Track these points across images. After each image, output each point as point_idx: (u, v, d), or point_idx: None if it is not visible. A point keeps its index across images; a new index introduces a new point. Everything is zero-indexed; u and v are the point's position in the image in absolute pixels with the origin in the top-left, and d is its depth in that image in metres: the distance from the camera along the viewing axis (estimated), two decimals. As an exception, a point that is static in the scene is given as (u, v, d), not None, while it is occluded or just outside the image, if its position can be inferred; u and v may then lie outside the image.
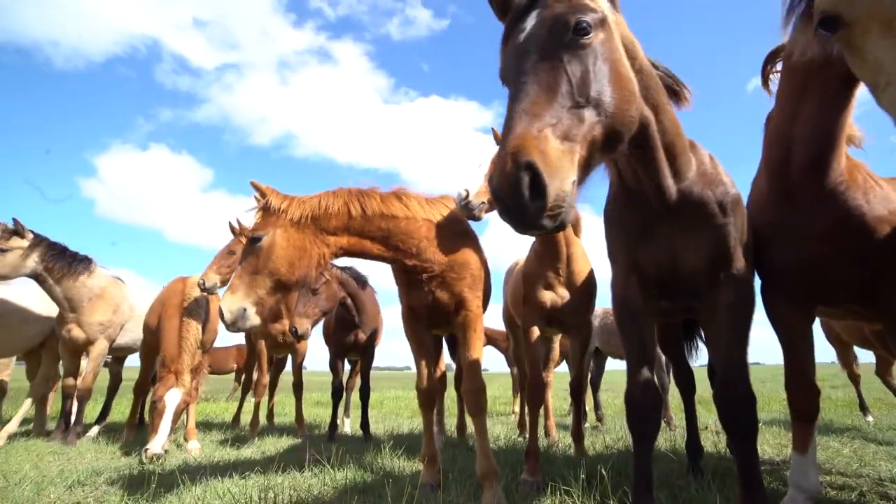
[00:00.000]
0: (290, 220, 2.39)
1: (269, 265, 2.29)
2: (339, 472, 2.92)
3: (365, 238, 2.52)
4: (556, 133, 1.04)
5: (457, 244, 2.70)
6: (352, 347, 4.81)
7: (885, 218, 1.75)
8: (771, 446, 3.88)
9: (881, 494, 2.46)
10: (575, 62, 1.14)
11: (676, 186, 1.69)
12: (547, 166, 0.98)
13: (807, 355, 2.03)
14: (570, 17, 1.16)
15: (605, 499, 2.20)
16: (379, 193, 2.62)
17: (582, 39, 1.16)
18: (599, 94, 1.15)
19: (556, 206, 0.98)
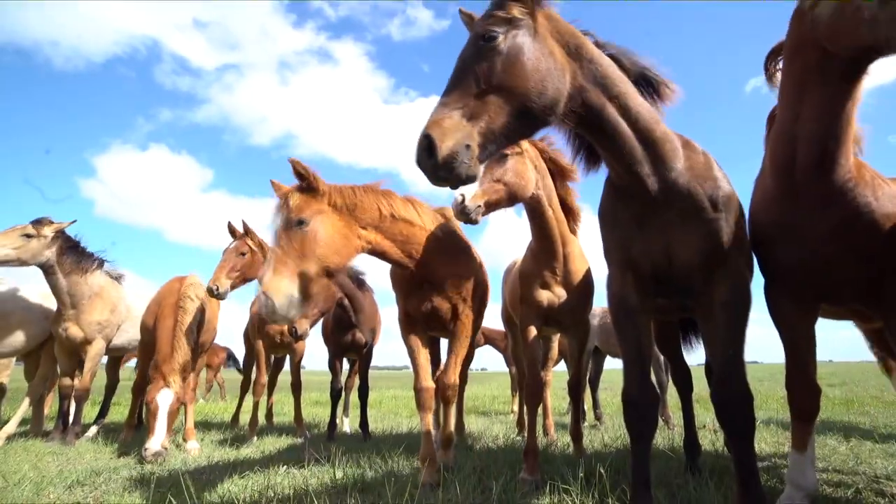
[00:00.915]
0: (333, 206, 2.33)
1: (319, 250, 2.19)
2: (338, 471, 2.92)
3: (388, 238, 2.56)
4: (460, 114, 1.37)
5: (456, 257, 2.87)
6: (349, 347, 4.82)
7: (893, 215, 1.72)
8: (769, 444, 3.90)
9: (877, 491, 2.47)
10: (482, 62, 1.43)
11: (661, 177, 1.71)
12: (440, 136, 1.33)
13: (808, 354, 2.01)
14: (481, 30, 1.47)
15: (604, 497, 2.21)
16: (399, 197, 2.69)
17: (490, 44, 1.44)
18: (503, 81, 1.41)
19: (446, 161, 1.32)
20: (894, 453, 3.55)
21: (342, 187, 2.46)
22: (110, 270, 5.08)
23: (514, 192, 2.53)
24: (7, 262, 4.13)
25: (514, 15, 1.48)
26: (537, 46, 1.48)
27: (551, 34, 1.56)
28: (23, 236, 4.19)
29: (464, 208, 2.33)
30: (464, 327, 2.90)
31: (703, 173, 1.79)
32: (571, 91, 1.54)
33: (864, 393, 9.40)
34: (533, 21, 1.51)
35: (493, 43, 1.44)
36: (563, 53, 1.54)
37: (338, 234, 2.28)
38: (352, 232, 2.37)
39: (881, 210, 1.71)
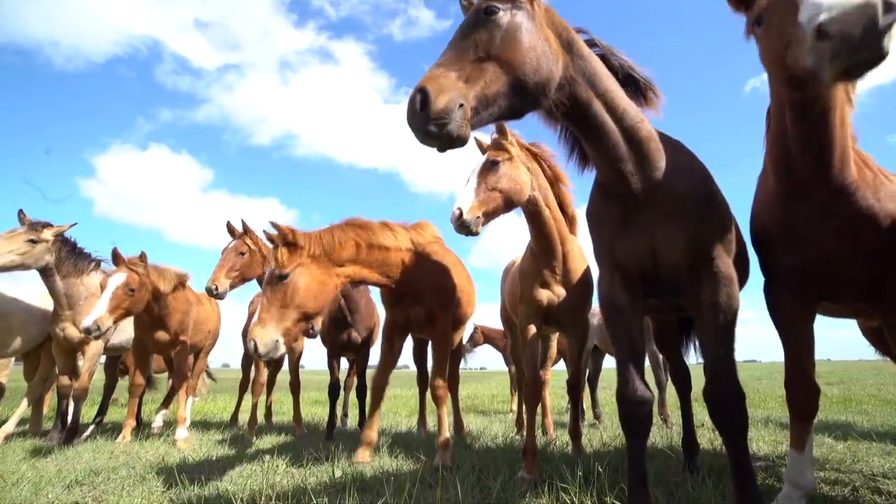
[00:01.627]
0: (310, 257, 2.64)
1: (297, 300, 2.52)
2: (337, 470, 2.92)
3: (366, 267, 2.87)
4: (457, 76, 1.37)
5: (431, 269, 3.19)
6: (346, 346, 4.81)
7: (894, 214, 1.72)
8: (767, 443, 3.91)
9: (874, 489, 2.49)
10: (482, 32, 1.46)
11: (645, 176, 1.74)
12: (436, 90, 1.31)
13: (808, 354, 2.01)
14: (487, 5, 1.50)
15: (602, 496, 2.21)
16: (374, 225, 3.00)
17: (490, 17, 1.47)
18: (500, 52, 1.44)
19: (439, 115, 1.28)
20: (891, 451, 3.57)
21: (321, 234, 2.75)
22: (107, 270, 5.07)
23: (510, 198, 2.55)
24: (12, 267, 4.14)
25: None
26: (534, 29, 1.53)
27: (547, 23, 1.61)
28: (27, 241, 4.19)
29: (463, 221, 2.35)
30: (442, 332, 3.26)
31: (689, 174, 1.81)
32: (562, 80, 1.59)
33: (862, 391, 9.44)
34: (532, 6, 1.57)
35: (494, 16, 1.48)
36: (557, 43, 1.60)
37: (314, 283, 2.60)
38: (329, 275, 2.68)
39: (883, 211, 1.70)
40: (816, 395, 2.01)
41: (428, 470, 2.89)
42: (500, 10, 1.48)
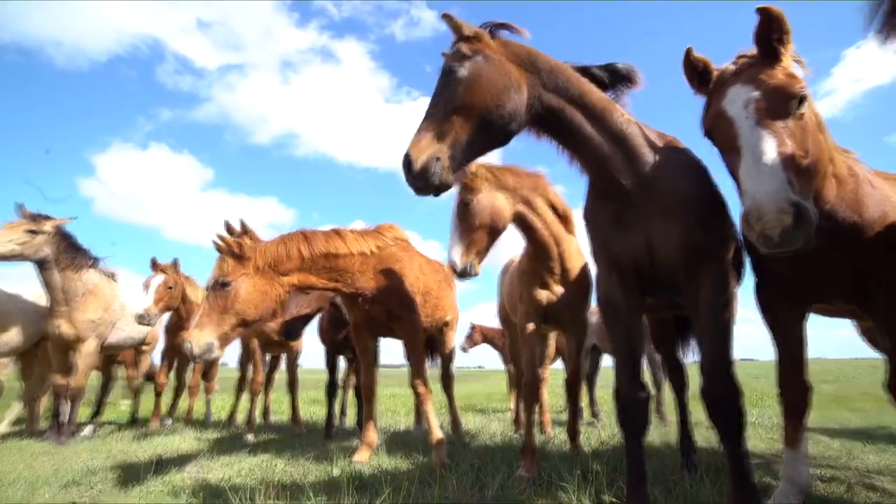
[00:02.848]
0: (255, 268, 2.79)
1: (237, 307, 2.67)
2: (335, 468, 2.92)
3: (312, 275, 3.01)
4: (431, 134, 1.61)
5: (389, 271, 3.31)
6: (344, 345, 4.81)
7: (878, 221, 1.76)
8: (763, 441, 3.94)
9: (868, 486, 2.53)
10: (447, 90, 1.67)
11: (635, 172, 1.77)
12: (415, 154, 1.58)
13: (800, 353, 2.05)
14: (446, 65, 1.70)
15: (600, 494, 2.22)
16: (323, 234, 3.13)
17: (452, 76, 1.67)
18: (463, 102, 1.64)
19: (420, 174, 1.56)
20: (885, 449, 3.61)
21: (266, 247, 2.91)
22: (104, 268, 5.05)
23: (494, 229, 2.63)
24: (11, 257, 4.16)
25: (468, 51, 1.72)
26: (492, 69, 1.69)
27: (507, 57, 1.76)
28: (27, 232, 4.22)
29: (461, 272, 2.53)
30: (409, 332, 3.40)
31: (684, 171, 1.82)
32: (531, 101, 1.73)
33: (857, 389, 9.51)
34: (487, 50, 1.73)
35: (454, 75, 1.68)
36: (519, 70, 1.74)
37: (256, 292, 2.74)
38: (272, 285, 2.83)
39: (865, 223, 1.73)
40: (808, 393, 2.04)
41: (426, 469, 2.90)
42: (457, 68, 1.68)
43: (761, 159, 1.34)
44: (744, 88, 1.48)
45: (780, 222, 1.25)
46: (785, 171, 1.31)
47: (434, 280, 3.92)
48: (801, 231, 1.26)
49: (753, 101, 1.44)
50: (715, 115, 1.55)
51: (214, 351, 2.59)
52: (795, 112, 1.44)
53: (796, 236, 1.26)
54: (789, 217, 1.25)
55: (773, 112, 1.42)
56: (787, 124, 1.41)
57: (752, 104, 1.44)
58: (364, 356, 3.56)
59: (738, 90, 1.49)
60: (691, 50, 1.71)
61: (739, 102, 1.46)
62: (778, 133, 1.39)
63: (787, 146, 1.37)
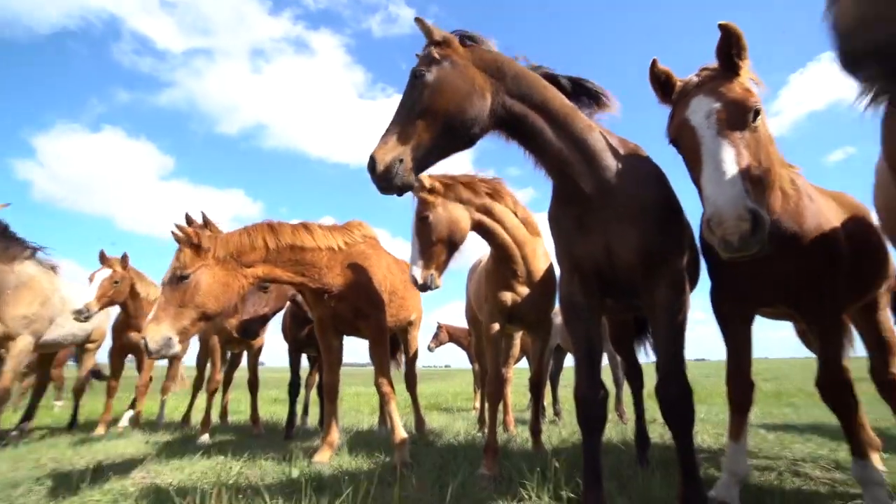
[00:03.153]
0: (215, 259, 2.68)
1: (197, 300, 2.55)
2: (294, 469, 2.85)
3: (277, 267, 2.93)
4: (396, 136, 1.68)
5: (356, 269, 3.27)
6: (307, 343, 4.70)
7: (813, 232, 1.93)
8: (710, 436, 4.17)
9: (794, 473, 2.79)
10: (414, 94, 1.73)
11: (596, 178, 1.83)
12: (379, 156, 1.65)
13: (746, 353, 2.21)
14: (414, 70, 1.77)
15: (559, 490, 2.28)
16: (290, 227, 3.05)
17: (419, 80, 1.74)
18: (427, 106, 1.71)
19: (382, 174, 1.64)
20: (811, 438, 4.01)
21: (228, 237, 2.80)
22: (44, 259, 4.66)
23: (453, 241, 2.69)
24: None
25: (437, 56, 1.79)
26: (458, 75, 1.76)
27: (473, 63, 1.82)
28: None
29: (423, 287, 2.62)
30: (375, 330, 3.37)
31: (643, 178, 1.90)
32: (494, 106, 1.79)
33: (792, 386, 10.26)
34: (455, 56, 1.80)
35: (421, 79, 1.74)
36: (484, 77, 1.80)
37: (216, 284, 2.64)
38: (234, 277, 2.73)
39: (804, 233, 1.90)
40: (752, 389, 2.21)
41: (388, 468, 2.88)
42: (425, 72, 1.74)
43: (722, 168, 1.42)
44: (706, 100, 1.57)
45: (739, 228, 1.34)
46: (742, 180, 1.40)
47: (400, 280, 3.91)
48: (757, 237, 1.35)
49: (715, 112, 1.52)
50: (679, 125, 1.63)
51: (173, 346, 2.46)
52: (751, 124, 1.54)
53: (753, 242, 1.35)
54: (747, 223, 1.34)
55: (732, 123, 1.51)
56: (744, 136, 1.51)
57: (713, 115, 1.52)
58: (328, 354, 3.50)
59: (701, 101, 1.57)
60: (656, 62, 1.80)
61: (702, 113, 1.55)
62: (736, 143, 1.48)
63: (745, 156, 1.46)
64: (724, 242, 1.38)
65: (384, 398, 3.34)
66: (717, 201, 1.38)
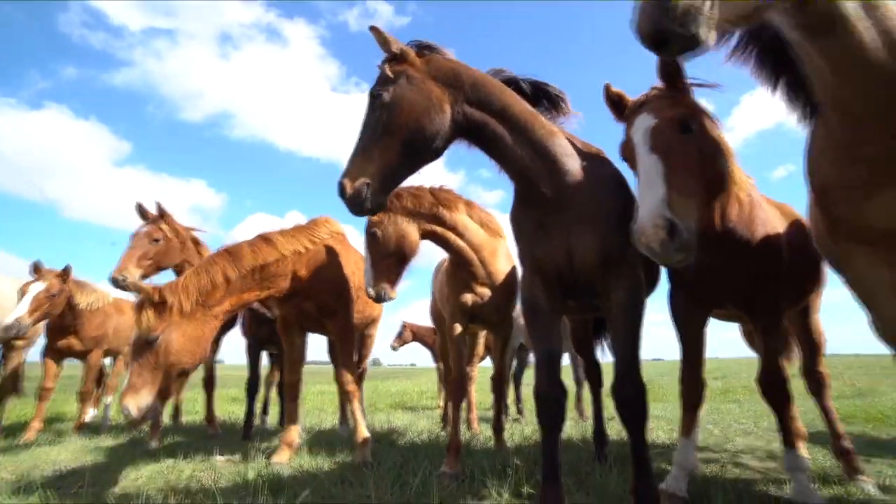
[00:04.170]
0: (180, 314, 2.54)
1: (171, 359, 2.47)
2: (251, 471, 2.75)
3: (246, 292, 2.84)
4: (361, 160, 1.74)
5: (323, 266, 3.22)
6: (268, 339, 4.54)
7: (762, 240, 2.09)
8: (665, 432, 4.37)
9: (736, 464, 3.02)
10: (373, 116, 1.79)
11: (556, 182, 1.86)
12: (348, 181, 1.72)
13: (700, 353, 2.35)
14: (372, 90, 1.82)
15: (519, 487, 2.32)
16: (248, 247, 2.93)
17: (377, 101, 1.79)
18: (387, 127, 1.75)
19: (352, 199, 1.70)
20: (751, 431, 4.34)
21: (187, 283, 2.64)
22: None
23: (403, 255, 2.75)
24: None
25: (391, 74, 1.81)
26: (414, 91, 1.79)
27: (430, 75, 1.84)
28: None
29: (378, 299, 2.70)
30: (342, 327, 3.34)
31: (603, 182, 1.95)
32: (455, 115, 1.82)
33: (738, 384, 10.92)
34: (411, 71, 1.82)
35: (378, 100, 1.77)
36: (442, 88, 1.82)
37: (186, 339, 2.54)
38: (204, 325, 2.64)
39: (755, 239, 2.07)
40: (703, 388, 2.37)
41: (349, 468, 2.83)
42: (380, 93, 1.77)
43: (647, 180, 1.54)
44: (646, 118, 1.68)
45: (657, 236, 1.44)
46: (667, 191, 1.49)
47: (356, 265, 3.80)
48: (675, 244, 1.44)
49: (650, 130, 1.63)
50: (626, 143, 1.77)
51: (157, 408, 2.51)
52: (685, 139, 1.63)
53: (672, 249, 1.44)
54: (664, 232, 1.44)
55: (665, 138, 1.60)
56: (676, 152, 1.59)
57: (648, 132, 1.63)
58: (290, 352, 3.42)
59: (642, 120, 1.69)
60: (609, 86, 1.97)
61: (641, 131, 1.66)
62: (664, 157, 1.56)
63: (673, 168, 1.54)
64: (648, 250, 1.48)
65: (348, 396, 3.29)
66: (640, 212, 1.51)
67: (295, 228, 3.26)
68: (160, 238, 3.94)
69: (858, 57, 1.27)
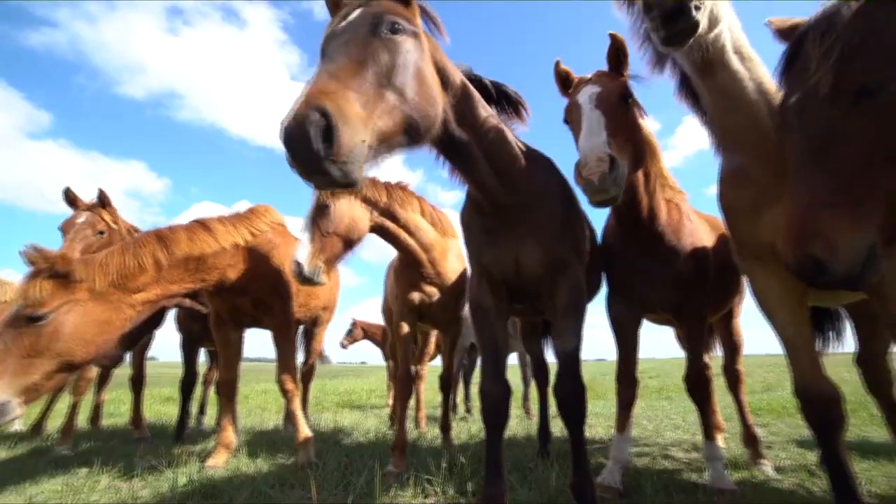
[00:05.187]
0: (91, 291, 2.12)
1: (57, 347, 1.99)
2: (181, 476, 2.56)
3: (173, 283, 2.51)
4: (357, 98, 1.16)
5: (261, 259, 3.03)
6: (202, 337, 4.25)
7: (688, 249, 2.29)
8: (604, 428, 4.61)
9: (665, 456, 3.26)
10: (384, 52, 1.30)
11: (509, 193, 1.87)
12: (342, 117, 1.07)
13: (634, 353, 2.52)
14: (386, 16, 1.35)
15: (464, 484, 2.35)
16: (185, 232, 2.61)
17: (393, 36, 1.33)
18: (403, 84, 1.30)
19: (344, 156, 1.08)
20: (680, 426, 4.69)
21: (107, 260, 2.26)
22: None
23: (349, 239, 2.63)
24: None
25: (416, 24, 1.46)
26: (427, 63, 1.45)
27: (433, 58, 1.52)
28: None
29: (303, 276, 2.39)
30: (281, 323, 3.17)
31: (553, 193, 2.02)
32: (443, 118, 1.53)
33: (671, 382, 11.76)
34: (425, 38, 1.50)
35: (397, 36, 1.33)
36: (438, 81, 1.53)
37: (90, 323, 2.10)
38: (117, 310, 2.22)
39: (681, 247, 2.30)
40: (636, 386, 2.54)
41: (290, 470, 2.72)
42: (404, 30, 1.36)
43: (592, 125, 1.79)
44: (592, 87, 1.95)
45: (599, 167, 1.63)
46: (607, 136, 1.73)
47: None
48: (613, 175, 1.64)
49: (595, 94, 1.91)
50: (571, 105, 2.00)
51: (9, 412, 1.88)
52: (622, 106, 1.92)
53: (609, 182, 1.63)
54: (606, 164, 1.64)
55: (607, 102, 1.87)
56: (615, 112, 1.86)
57: (594, 96, 1.90)
58: (225, 349, 3.22)
59: (588, 88, 1.96)
60: (559, 62, 2.16)
61: (587, 95, 1.92)
62: (606, 114, 1.82)
63: (612, 123, 1.81)
64: (587, 183, 1.64)
65: (288, 395, 3.15)
66: (584, 148, 1.71)
67: (234, 217, 3.04)
68: (105, 230, 3.59)
69: (735, 95, 1.61)
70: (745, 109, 1.62)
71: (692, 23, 1.34)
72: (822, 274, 1.09)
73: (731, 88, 1.61)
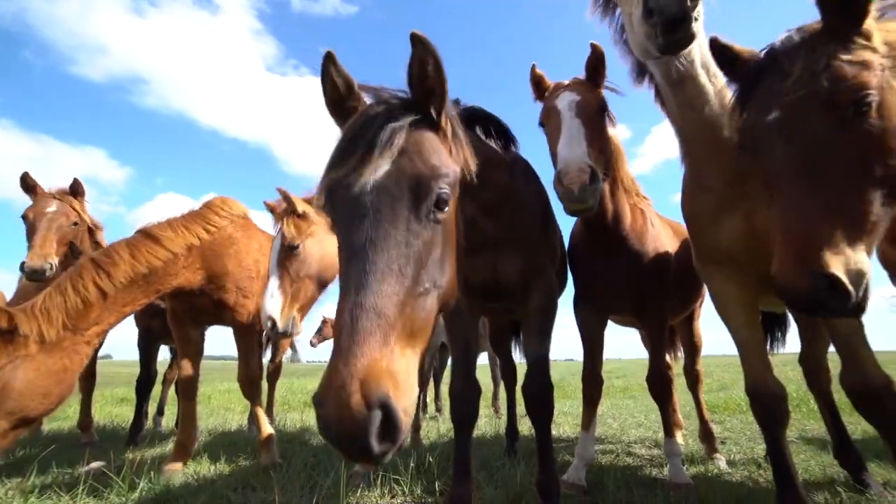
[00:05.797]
0: (40, 343, 2.03)
1: (7, 406, 1.91)
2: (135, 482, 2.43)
3: (126, 305, 2.40)
4: (401, 335, 0.93)
5: (219, 257, 2.87)
6: (162, 334, 4.07)
7: (650, 253, 2.39)
8: (571, 427, 4.72)
9: (628, 454, 3.38)
10: (425, 243, 1.00)
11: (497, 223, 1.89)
12: (398, 394, 0.83)
13: (599, 353, 2.60)
14: (433, 183, 1.01)
15: (432, 483, 2.34)
16: (126, 251, 2.43)
17: (438, 215, 1.03)
18: (438, 276, 1.05)
19: (282, 333, 1.07)
20: (643, 424, 4.89)
21: (48, 306, 2.13)
22: None
23: (323, 280, 2.53)
24: None
25: (452, 167, 1.13)
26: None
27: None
28: None
29: (279, 333, 2.27)
30: (244, 319, 3.02)
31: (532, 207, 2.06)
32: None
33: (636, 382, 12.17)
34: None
35: (440, 214, 1.04)
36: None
37: (40, 377, 2.02)
38: (70, 356, 2.15)
39: (644, 251, 2.39)
40: (601, 385, 2.62)
41: (253, 472, 2.64)
42: (448, 199, 1.07)
43: (572, 134, 1.82)
44: (571, 94, 1.98)
45: (580, 178, 1.68)
46: (588, 147, 1.78)
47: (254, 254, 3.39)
48: (593, 187, 1.68)
49: (575, 102, 1.94)
50: (548, 109, 2.02)
51: None
52: (599, 116, 1.98)
53: (589, 192, 1.67)
54: (587, 175, 1.68)
55: (585, 112, 1.92)
56: (593, 122, 1.91)
57: (574, 104, 1.94)
58: (184, 346, 3.08)
59: (567, 95, 1.98)
60: (535, 66, 2.21)
61: (566, 102, 1.95)
62: (585, 124, 1.87)
63: (590, 133, 1.86)
64: (567, 192, 1.68)
65: (249, 396, 3.05)
66: (566, 157, 1.75)
67: (186, 216, 2.84)
68: (78, 221, 3.39)
69: (700, 108, 1.67)
70: (710, 122, 1.68)
71: (691, 33, 1.35)
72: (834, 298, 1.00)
73: (696, 101, 1.67)
